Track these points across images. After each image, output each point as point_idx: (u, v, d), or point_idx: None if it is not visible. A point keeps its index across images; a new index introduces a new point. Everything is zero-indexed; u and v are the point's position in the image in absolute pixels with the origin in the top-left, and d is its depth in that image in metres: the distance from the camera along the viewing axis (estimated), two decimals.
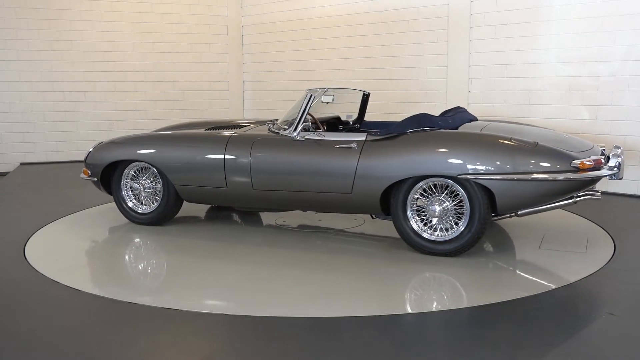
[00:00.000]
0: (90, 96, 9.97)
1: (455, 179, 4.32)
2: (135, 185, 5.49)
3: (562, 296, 3.73)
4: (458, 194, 4.38)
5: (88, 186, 7.44)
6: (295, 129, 4.87)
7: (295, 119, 4.91)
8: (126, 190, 5.54)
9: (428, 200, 4.47)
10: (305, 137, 4.84)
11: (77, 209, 6.18)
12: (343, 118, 5.88)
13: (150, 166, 5.40)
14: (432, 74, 8.39)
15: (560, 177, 4.12)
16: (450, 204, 4.40)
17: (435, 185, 4.45)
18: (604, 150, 4.72)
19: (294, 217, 5.77)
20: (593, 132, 6.97)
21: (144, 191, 5.48)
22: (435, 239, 4.46)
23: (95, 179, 5.56)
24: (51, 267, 4.33)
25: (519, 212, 4.41)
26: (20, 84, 9.49)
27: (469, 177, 4.24)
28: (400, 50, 8.69)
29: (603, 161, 4.34)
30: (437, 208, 4.42)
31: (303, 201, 4.94)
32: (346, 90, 5.90)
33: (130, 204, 5.55)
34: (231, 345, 3.12)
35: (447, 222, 4.43)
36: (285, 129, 4.98)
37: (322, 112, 5.56)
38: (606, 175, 4.28)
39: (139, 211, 5.52)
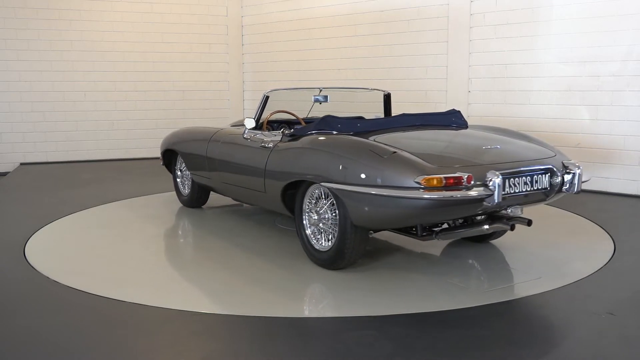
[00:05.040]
0: (90, 96, 9.97)
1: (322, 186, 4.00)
2: (177, 172, 6.37)
3: (562, 296, 3.73)
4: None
5: (88, 186, 7.45)
6: (245, 129, 5.09)
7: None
8: (179, 176, 6.40)
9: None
10: (253, 136, 4.97)
11: (77, 209, 6.18)
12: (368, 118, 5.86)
13: None
14: (432, 74, 8.39)
15: (398, 194, 3.50)
16: (330, 213, 4.08)
17: (322, 193, 4.15)
18: (574, 163, 3.99)
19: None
20: (593, 132, 6.98)
21: (182, 177, 6.35)
22: (318, 248, 4.23)
23: (162, 164, 6.54)
24: (51, 267, 4.33)
25: (440, 234, 3.88)
26: (20, 84, 9.50)
27: (326, 184, 3.90)
28: (400, 50, 8.69)
29: (465, 180, 3.46)
30: (314, 216, 4.20)
31: (246, 197, 5.19)
32: (346, 89, 5.93)
33: (181, 188, 6.39)
34: (231, 345, 3.12)
35: (330, 232, 4.10)
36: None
37: (341, 112, 5.57)
38: (469, 199, 3.48)
39: (183, 194, 6.36)
